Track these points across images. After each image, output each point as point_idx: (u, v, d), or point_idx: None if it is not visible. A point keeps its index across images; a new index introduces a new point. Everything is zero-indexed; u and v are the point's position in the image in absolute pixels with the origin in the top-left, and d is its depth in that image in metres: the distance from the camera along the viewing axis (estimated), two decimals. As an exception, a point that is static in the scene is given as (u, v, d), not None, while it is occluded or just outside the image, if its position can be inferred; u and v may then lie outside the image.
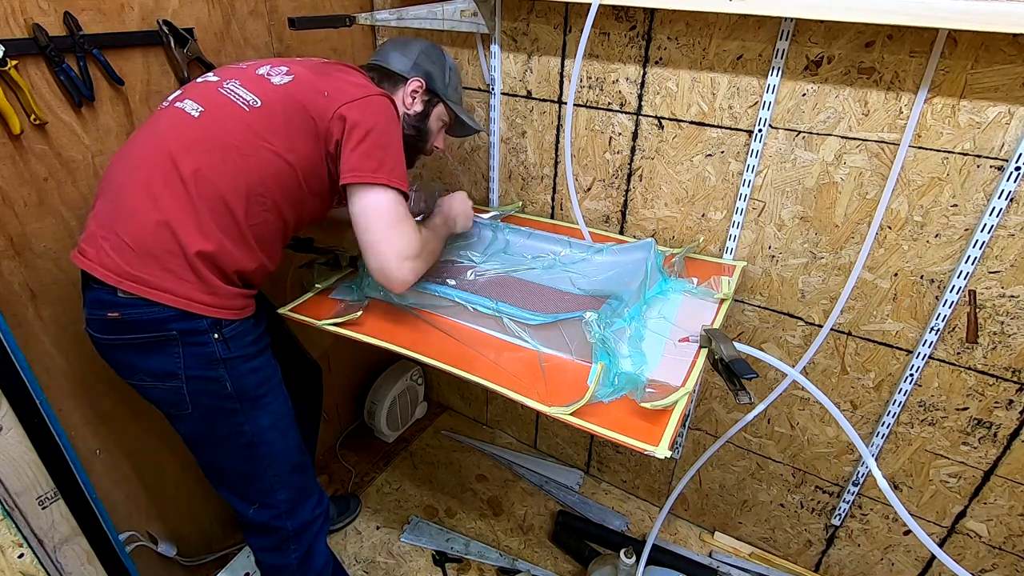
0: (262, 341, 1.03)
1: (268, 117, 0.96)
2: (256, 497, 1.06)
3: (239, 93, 0.97)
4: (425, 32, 1.50)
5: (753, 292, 1.33)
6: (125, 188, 0.91)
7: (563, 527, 1.64)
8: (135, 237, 0.89)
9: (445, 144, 1.29)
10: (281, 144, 0.95)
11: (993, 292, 1.07)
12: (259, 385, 1.01)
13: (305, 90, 0.98)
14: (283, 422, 1.05)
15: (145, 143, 0.94)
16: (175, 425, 1.02)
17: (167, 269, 0.89)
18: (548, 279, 1.24)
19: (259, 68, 1.02)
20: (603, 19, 1.24)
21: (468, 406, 2.08)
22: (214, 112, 0.95)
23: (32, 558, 0.92)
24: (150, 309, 0.89)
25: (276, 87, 0.98)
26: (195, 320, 0.92)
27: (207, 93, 0.97)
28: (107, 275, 0.88)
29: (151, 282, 0.89)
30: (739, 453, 1.52)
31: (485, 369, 0.97)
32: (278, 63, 1.04)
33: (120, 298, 0.89)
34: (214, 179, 0.91)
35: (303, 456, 1.11)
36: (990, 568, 1.29)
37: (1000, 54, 0.93)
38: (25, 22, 0.94)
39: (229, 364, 0.96)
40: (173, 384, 0.94)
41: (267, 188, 0.95)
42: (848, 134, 1.09)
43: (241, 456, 1.02)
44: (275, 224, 0.99)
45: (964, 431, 1.20)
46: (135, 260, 0.88)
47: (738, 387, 0.88)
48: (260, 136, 0.94)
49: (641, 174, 1.35)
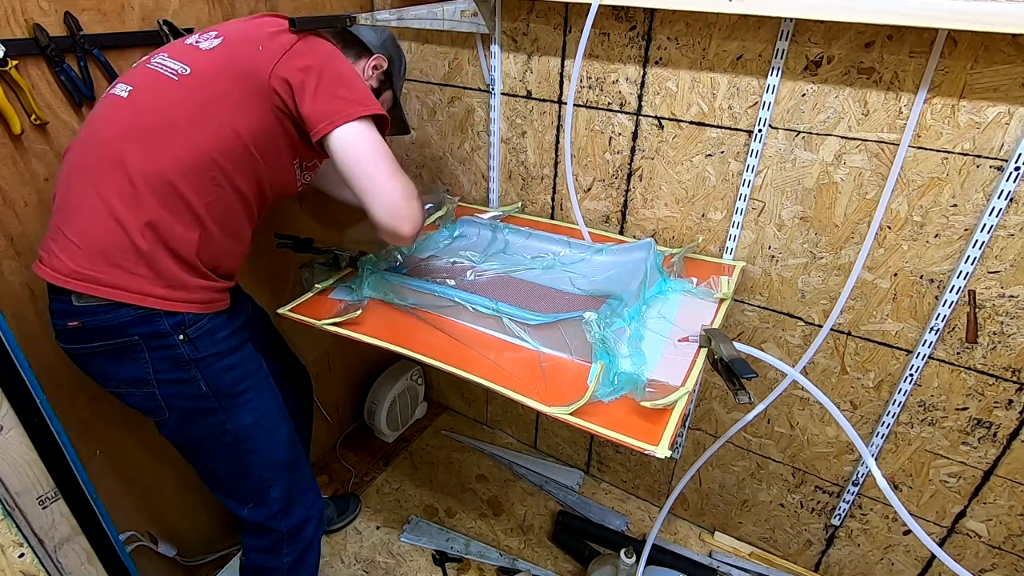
0: (237, 336, 0.99)
1: (201, 84, 0.88)
2: (248, 496, 1.04)
3: (166, 65, 0.90)
4: (425, 32, 1.50)
5: (753, 292, 1.33)
6: (70, 186, 0.86)
7: (563, 527, 1.64)
8: (80, 233, 0.84)
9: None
10: (220, 111, 0.88)
11: (993, 292, 1.07)
12: (237, 383, 0.97)
13: (237, 48, 0.91)
14: (268, 419, 1.02)
15: (84, 137, 0.89)
16: (161, 431, 0.99)
17: (117, 264, 0.84)
18: (548, 279, 1.24)
19: (187, 39, 0.96)
20: (603, 19, 1.24)
21: (468, 406, 2.08)
22: (142, 89, 0.89)
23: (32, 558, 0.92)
24: (107, 315, 0.85)
25: (205, 52, 0.91)
26: (155, 322, 0.87)
27: (136, 72, 0.92)
28: (56, 277, 0.84)
29: (101, 279, 0.84)
30: (739, 453, 1.52)
31: (485, 369, 0.98)
32: (207, 29, 0.97)
33: (76, 306, 0.85)
34: (154, 159, 0.85)
35: (295, 453, 1.08)
36: (990, 568, 1.29)
37: (1000, 54, 0.93)
38: (26, 22, 0.94)
39: (201, 364, 0.92)
40: (146, 390, 0.91)
41: (213, 161, 0.88)
42: (848, 134, 1.09)
43: (228, 456, 1.00)
44: (231, 199, 0.92)
45: (964, 431, 1.20)
46: (83, 258, 0.83)
47: (738, 387, 0.88)
48: (196, 106, 0.87)
49: (641, 174, 1.35)
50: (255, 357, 1.02)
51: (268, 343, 1.27)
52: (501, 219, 1.49)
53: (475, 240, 1.41)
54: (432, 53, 1.52)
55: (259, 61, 0.90)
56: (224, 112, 0.88)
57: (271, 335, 1.29)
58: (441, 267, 1.28)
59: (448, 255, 1.33)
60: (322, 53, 0.94)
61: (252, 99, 0.89)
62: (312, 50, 0.93)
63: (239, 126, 0.89)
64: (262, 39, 0.92)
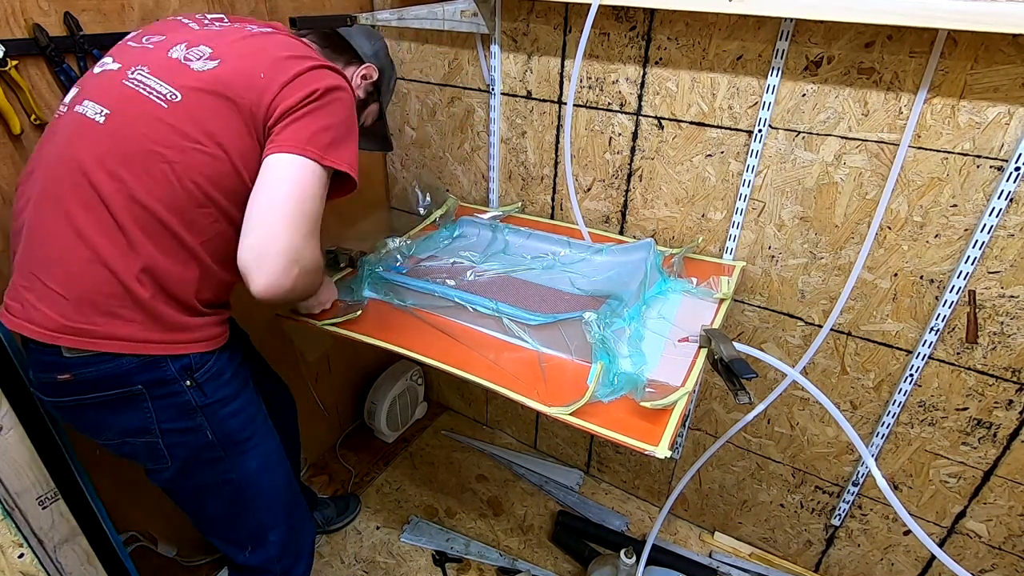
0: (241, 375, 0.92)
1: (192, 113, 0.77)
2: (247, 541, 0.99)
3: (150, 85, 0.78)
4: (425, 32, 1.50)
5: (753, 292, 1.33)
6: (41, 222, 0.76)
7: (563, 527, 1.64)
8: (65, 283, 0.75)
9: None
10: (213, 142, 0.78)
11: (993, 292, 1.07)
12: (242, 428, 0.91)
13: (236, 76, 0.79)
14: (271, 460, 0.98)
15: (50, 164, 0.78)
16: (151, 477, 0.92)
17: (110, 313, 0.76)
18: (548, 279, 1.24)
19: (172, 49, 0.82)
20: (603, 19, 1.24)
21: (468, 406, 2.08)
22: (123, 114, 0.78)
23: (32, 558, 0.92)
24: (105, 365, 0.77)
25: (199, 75, 0.79)
26: (160, 368, 0.80)
27: (110, 89, 0.80)
28: (41, 333, 0.75)
29: (96, 332, 0.76)
30: (739, 453, 1.52)
31: (485, 369, 0.97)
32: (195, 40, 0.83)
33: (67, 358, 0.77)
34: (141, 196, 0.75)
35: (293, 492, 1.04)
36: (990, 568, 1.29)
37: (1000, 54, 0.93)
38: (26, 22, 0.94)
39: (208, 411, 0.86)
40: (148, 439, 0.84)
41: (207, 196, 0.79)
42: (848, 134, 1.09)
43: (228, 503, 0.95)
44: (229, 233, 0.82)
45: (964, 431, 1.20)
46: (71, 310, 0.75)
47: (738, 387, 0.88)
48: (186, 137, 0.77)
49: (641, 174, 1.35)
50: (255, 399, 0.97)
51: (254, 367, 1.22)
52: (501, 219, 1.49)
53: (475, 240, 1.41)
54: (432, 53, 1.52)
55: (260, 91, 0.79)
56: (218, 143, 0.78)
57: (255, 358, 1.25)
58: (441, 267, 1.28)
59: (448, 255, 1.33)
60: (332, 89, 0.82)
61: (248, 130, 0.80)
62: (323, 80, 0.82)
63: (234, 156, 0.79)
64: (265, 65, 0.81)
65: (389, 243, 1.26)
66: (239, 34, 0.86)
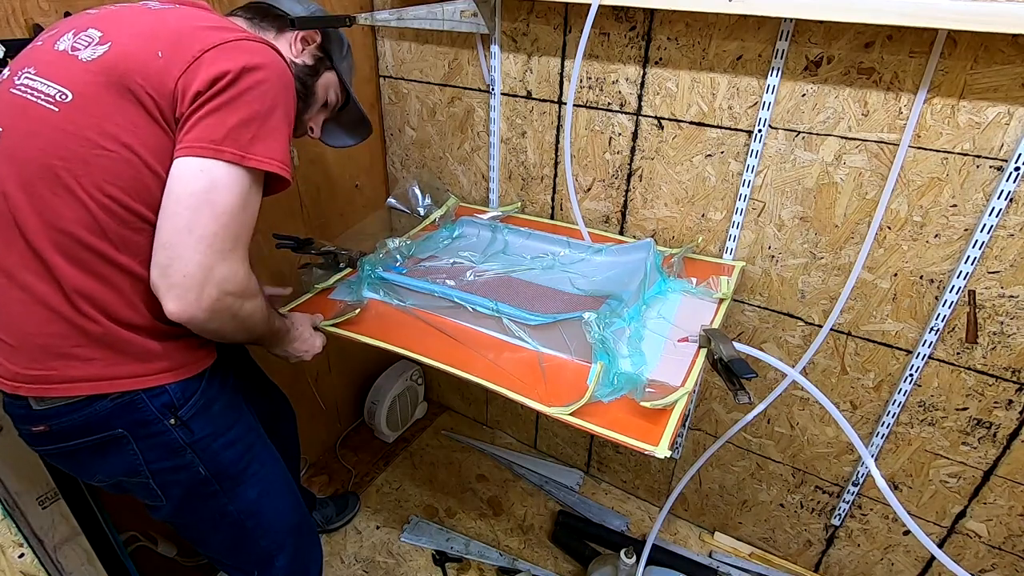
0: (234, 403, 0.86)
1: (87, 112, 0.67)
2: (251, 567, 0.96)
3: (37, 88, 0.68)
4: (425, 32, 1.50)
5: (753, 292, 1.33)
6: None
7: (563, 527, 1.64)
8: (8, 330, 0.69)
9: (321, 135, 1.03)
10: (118, 143, 0.67)
11: (993, 292, 1.07)
12: (239, 459, 0.86)
13: (129, 59, 0.68)
14: (273, 485, 0.93)
15: None
16: (151, 513, 0.87)
17: (65, 355, 0.69)
18: (547, 279, 1.24)
19: (59, 40, 0.71)
20: (603, 19, 1.24)
21: (468, 406, 2.08)
22: (15, 129, 0.68)
23: (32, 558, 0.92)
24: (78, 414, 0.71)
25: (87, 65, 0.68)
26: (138, 409, 0.73)
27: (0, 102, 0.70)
28: (1, 383, 0.70)
29: (53, 377, 0.69)
30: (739, 453, 1.52)
31: (485, 369, 0.97)
32: (85, 23, 0.72)
33: (37, 411, 0.71)
34: (57, 222, 0.66)
35: (300, 513, 1.00)
36: (990, 568, 1.29)
37: (999, 54, 0.93)
38: (26, 22, 0.94)
39: (198, 447, 0.80)
40: (138, 480, 0.80)
41: (131, 211, 0.69)
42: (848, 134, 1.09)
43: (230, 534, 0.91)
44: None
45: (964, 431, 1.20)
46: (23, 358, 0.69)
47: (738, 387, 0.88)
48: (85, 142, 0.66)
49: (641, 174, 1.35)
50: (251, 423, 0.92)
51: (250, 377, 1.19)
52: (501, 219, 1.49)
53: (475, 240, 1.41)
54: (432, 53, 1.52)
55: (160, 75, 0.67)
56: (123, 144, 0.67)
57: (250, 368, 1.21)
58: (441, 267, 1.28)
59: (448, 255, 1.33)
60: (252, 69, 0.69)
61: (156, 123, 0.68)
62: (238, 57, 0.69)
63: (146, 157, 0.68)
64: (164, 43, 0.69)
65: (389, 243, 1.26)
66: (138, 11, 0.74)
